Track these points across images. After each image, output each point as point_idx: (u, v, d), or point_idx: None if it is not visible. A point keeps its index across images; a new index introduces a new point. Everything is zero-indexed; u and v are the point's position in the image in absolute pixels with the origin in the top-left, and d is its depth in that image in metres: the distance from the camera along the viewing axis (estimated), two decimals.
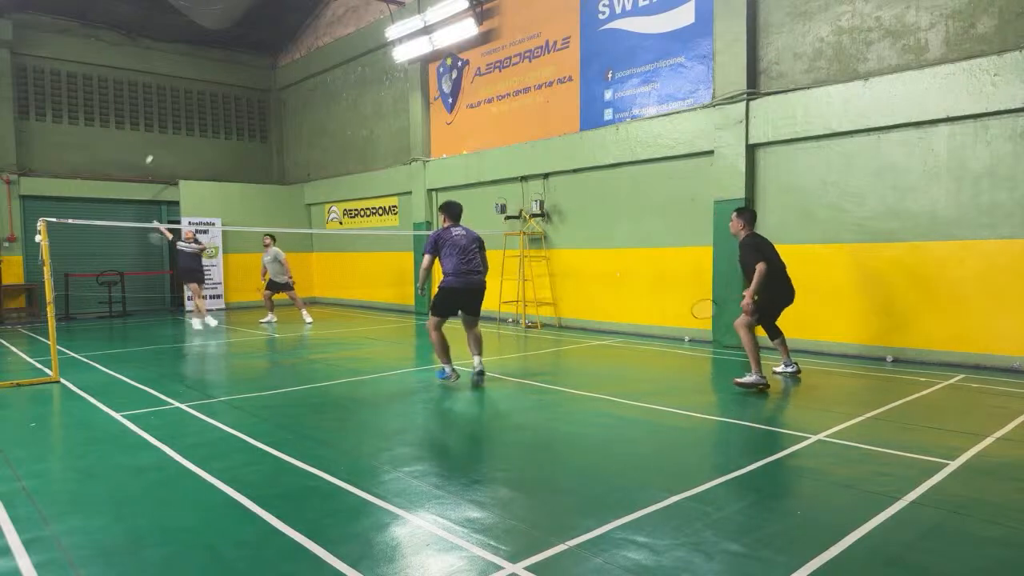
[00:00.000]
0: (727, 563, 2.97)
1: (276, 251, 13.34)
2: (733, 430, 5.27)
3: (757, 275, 6.48)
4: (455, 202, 7.24)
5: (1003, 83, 7.11)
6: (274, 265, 13.29)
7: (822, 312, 8.70)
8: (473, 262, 6.87)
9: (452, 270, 6.80)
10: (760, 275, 6.49)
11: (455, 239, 6.89)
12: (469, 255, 6.86)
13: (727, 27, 9.23)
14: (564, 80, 11.77)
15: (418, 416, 5.86)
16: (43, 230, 7.16)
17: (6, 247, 14.97)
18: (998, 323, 7.36)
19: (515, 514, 3.55)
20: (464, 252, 6.84)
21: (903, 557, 3.03)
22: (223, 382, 7.78)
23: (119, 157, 16.88)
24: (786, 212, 9.00)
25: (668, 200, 10.37)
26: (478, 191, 13.50)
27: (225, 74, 18.64)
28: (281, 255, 13.36)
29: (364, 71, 16.70)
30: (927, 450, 4.52)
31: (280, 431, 5.25)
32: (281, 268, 13.30)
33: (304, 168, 19.14)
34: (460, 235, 6.95)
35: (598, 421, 5.49)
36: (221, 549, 3.17)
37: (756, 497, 3.83)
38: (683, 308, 10.14)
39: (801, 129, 8.63)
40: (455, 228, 7.03)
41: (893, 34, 8.01)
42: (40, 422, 5.80)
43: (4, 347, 10.38)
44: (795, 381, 6.98)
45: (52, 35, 15.85)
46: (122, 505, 3.74)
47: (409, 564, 2.99)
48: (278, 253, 13.33)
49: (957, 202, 7.60)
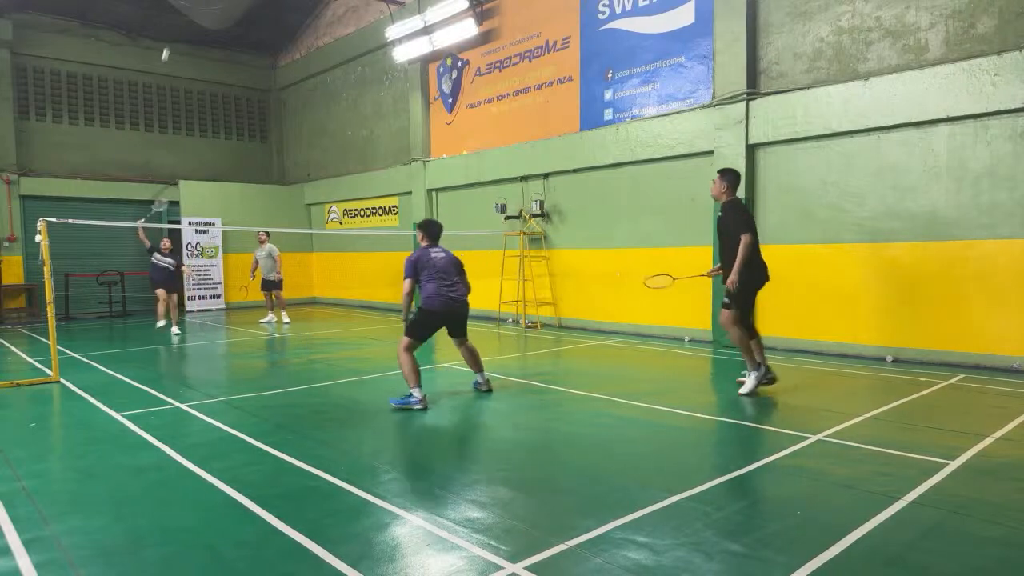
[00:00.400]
0: (727, 563, 2.97)
1: (271, 247, 13.39)
2: (733, 430, 5.27)
3: (743, 248, 5.94)
4: (435, 221, 6.81)
5: (1003, 83, 7.11)
6: (267, 261, 13.30)
7: (822, 312, 8.70)
8: (457, 288, 6.45)
9: (434, 293, 6.35)
10: (746, 248, 5.95)
11: (435, 261, 6.42)
12: (451, 279, 6.42)
13: (727, 27, 9.23)
14: (564, 80, 11.77)
15: (418, 416, 5.85)
16: (43, 230, 7.16)
17: (6, 247, 14.97)
18: (998, 323, 7.36)
19: (515, 514, 3.55)
20: (446, 276, 6.40)
21: (903, 557, 3.03)
22: (223, 382, 7.78)
23: (119, 157, 16.88)
24: (786, 212, 9.00)
25: (668, 200, 10.37)
26: (478, 191, 13.50)
27: (225, 74, 18.64)
28: (275, 252, 13.39)
29: (364, 71, 16.70)
30: (927, 450, 4.52)
31: (280, 431, 5.25)
32: (273, 265, 13.31)
33: (304, 168, 19.14)
34: (440, 257, 6.46)
35: (598, 421, 5.49)
36: (221, 549, 3.17)
37: (756, 497, 3.83)
38: (683, 308, 10.15)
39: (801, 129, 8.63)
40: (434, 250, 6.54)
41: (893, 34, 8.01)
42: (40, 422, 5.80)
43: (4, 347, 10.38)
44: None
45: (52, 35, 15.85)
46: (122, 505, 3.74)
47: (409, 564, 2.99)
48: (272, 249, 13.38)
49: (957, 202, 7.60)
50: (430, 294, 6.36)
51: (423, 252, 6.49)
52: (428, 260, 6.42)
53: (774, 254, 9.11)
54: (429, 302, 6.36)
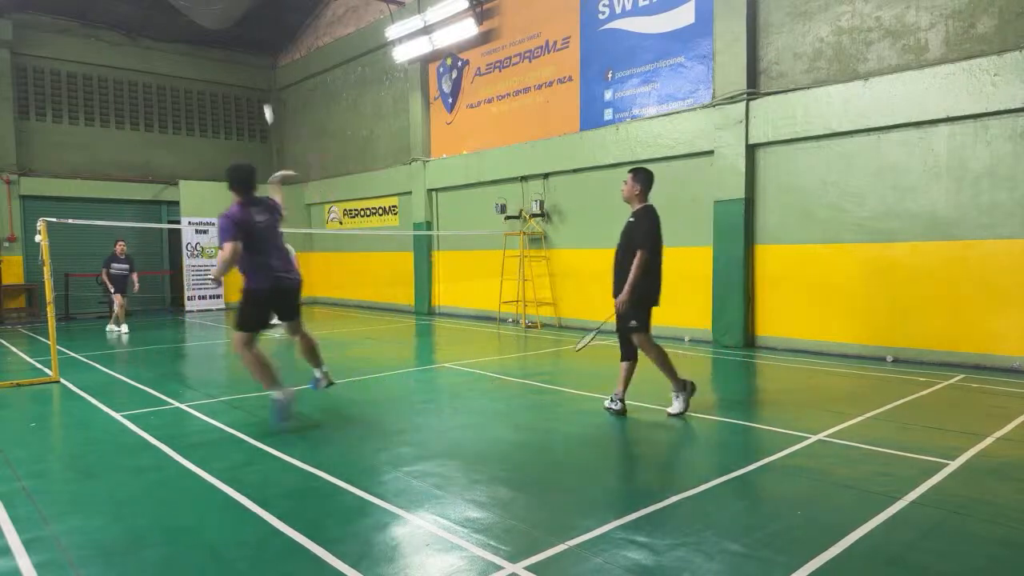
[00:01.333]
0: (727, 563, 2.96)
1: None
2: (733, 430, 5.27)
3: (636, 266, 5.47)
4: (243, 165, 5.37)
5: (1003, 83, 7.11)
6: None
7: (822, 312, 8.70)
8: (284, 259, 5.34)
9: (258, 268, 5.12)
10: (639, 267, 5.47)
11: (256, 225, 5.09)
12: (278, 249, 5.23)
13: (727, 27, 9.23)
14: (564, 80, 11.77)
15: (418, 416, 5.85)
16: (43, 230, 7.16)
17: (6, 247, 14.97)
18: (998, 323, 7.36)
19: (515, 514, 3.55)
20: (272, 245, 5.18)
21: (903, 557, 3.03)
22: (223, 382, 7.78)
23: (119, 157, 16.88)
24: (786, 212, 9.00)
25: (668, 200, 10.30)
26: (478, 191, 13.50)
27: (225, 74, 18.63)
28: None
29: (364, 71, 16.69)
30: (927, 450, 4.52)
31: (280, 431, 5.24)
32: None
33: (304, 168, 19.13)
34: (262, 221, 5.18)
35: (598, 421, 5.49)
36: (221, 549, 3.16)
37: (756, 497, 3.83)
38: (683, 308, 10.14)
39: (801, 129, 8.63)
40: (255, 209, 5.16)
41: (893, 34, 8.01)
42: (40, 422, 5.80)
43: (4, 347, 10.38)
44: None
45: (52, 35, 15.85)
46: (122, 505, 3.73)
47: (409, 564, 2.99)
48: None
49: (957, 202, 7.60)
50: (254, 269, 5.08)
51: (242, 212, 5.08)
52: (248, 224, 5.03)
53: (774, 254, 9.16)
54: (254, 281, 5.12)
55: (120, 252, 12.17)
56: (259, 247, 5.11)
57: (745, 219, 9.22)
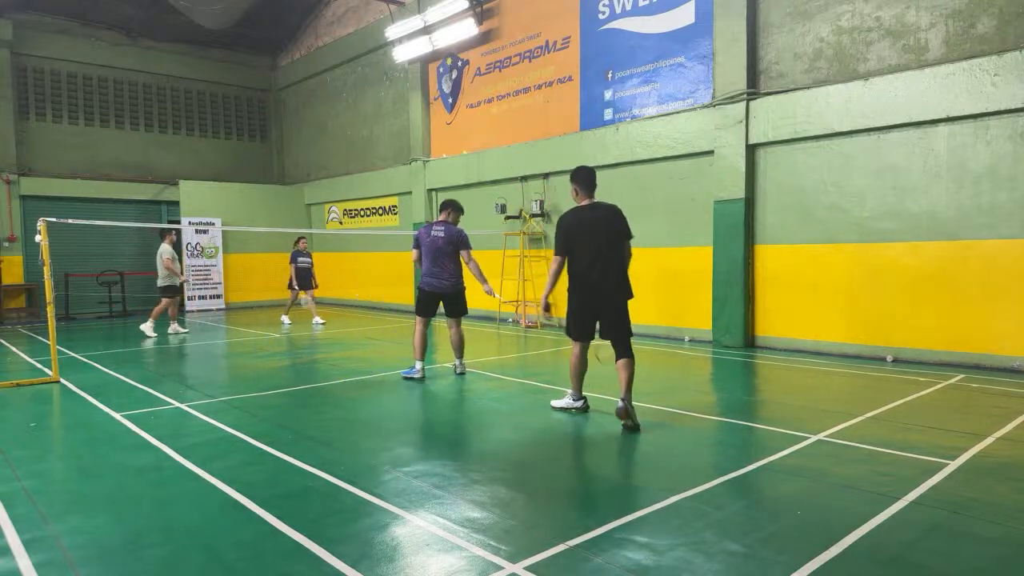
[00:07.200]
0: (727, 563, 2.96)
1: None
2: (733, 430, 5.27)
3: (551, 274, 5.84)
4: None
5: (1003, 83, 7.11)
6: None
7: (822, 312, 8.70)
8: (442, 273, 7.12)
9: (424, 272, 7.14)
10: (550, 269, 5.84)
11: (432, 239, 7.11)
12: (439, 262, 7.12)
13: (727, 27, 9.23)
14: (564, 80, 11.77)
15: (418, 416, 5.85)
16: (43, 230, 7.16)
17: (6, 247, 14.97)
18: (998, 323, 7.36)
19: (515, 514, 3.55)
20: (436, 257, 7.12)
21: (903, 557, 3.03)
22: (223, 382, 7.78)
23: (119, 157, 16.88)
24: (786, 212, 9.00)
25: (668, 200, 10.36)
26: (478, 191, 13.50)
27: (225, 74, 18.64)
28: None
29: (364, 71, 16.70)
30: (927, 450, 4.52)
31: (280, 431, 5.25)
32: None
33: (304, 168, 19.14)
34: (437, 236, 7.16)
35: (597, 421, 5.49)
36: (221, 549, 3.16)
37: (756, 497, 3.83)
38: (683, 308, 10.15)
39: (801, 129, 8.63)
40: (436, 227, 7.25)
41: (893, 34, 8.01)
42: (40, 422, 5.79)
43: (4, 347, 10.38)
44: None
45: (52, 35, 15.85)
46: (122, 505, 3.74)
47: (409, 564, 2.99)
48: None
49: (957, 202, 7.60)
50: (423, 272, 7.10)
51: (425, 227, 7.17)
52: (425, 236, 7.08)
53: (774, 254, 9.16)
54: (422, 280, 7.10)
55: (304, 247, 12.98)
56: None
57: (745, 219, 9.22)
